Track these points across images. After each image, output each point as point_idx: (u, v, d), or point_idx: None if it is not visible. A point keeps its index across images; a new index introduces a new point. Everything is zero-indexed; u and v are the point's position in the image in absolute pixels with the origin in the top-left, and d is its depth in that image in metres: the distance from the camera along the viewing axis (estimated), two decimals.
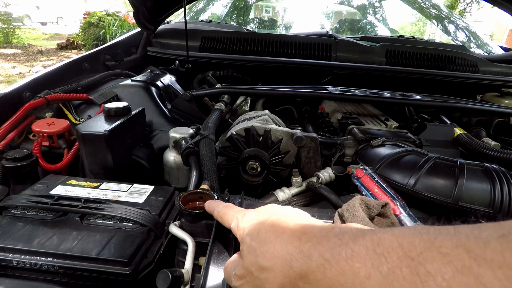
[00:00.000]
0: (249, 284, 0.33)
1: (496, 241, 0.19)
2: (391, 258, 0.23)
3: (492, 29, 10.94)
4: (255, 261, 0.32)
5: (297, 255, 0.29)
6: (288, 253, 0.29)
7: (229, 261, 0.38)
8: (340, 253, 0.26)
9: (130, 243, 0.46)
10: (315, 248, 0.28)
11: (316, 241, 0.28)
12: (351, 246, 0.25)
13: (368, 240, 0.25)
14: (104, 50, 1.27)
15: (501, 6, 1.27)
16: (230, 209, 0.42)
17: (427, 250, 0.21)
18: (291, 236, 0.31)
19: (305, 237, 0.30)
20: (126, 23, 7.80)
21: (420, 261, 0.21)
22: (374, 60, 1.28)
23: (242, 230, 0.36)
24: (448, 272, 0.20)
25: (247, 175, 0.71)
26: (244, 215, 0.38)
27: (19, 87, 0.86)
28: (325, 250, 0.27)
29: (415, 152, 0.66)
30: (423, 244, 0.22)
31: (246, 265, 0.33)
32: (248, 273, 0.33)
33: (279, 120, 0.89)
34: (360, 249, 0.25)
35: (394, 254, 0.23)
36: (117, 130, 0.68)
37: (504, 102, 1.15)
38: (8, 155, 0.63)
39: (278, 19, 2.53)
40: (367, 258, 0.24)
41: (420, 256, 0.21)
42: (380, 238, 0.24)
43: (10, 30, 8.49)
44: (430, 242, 0.22)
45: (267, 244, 0.32)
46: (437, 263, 0.20)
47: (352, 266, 0.24)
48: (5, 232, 0.47)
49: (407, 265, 0.22)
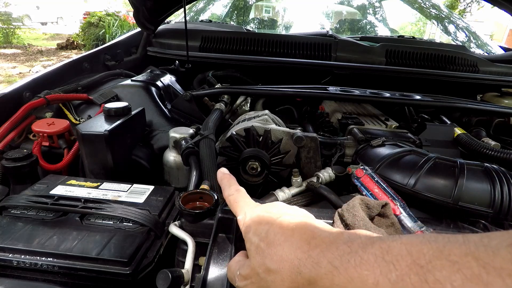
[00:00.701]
0: (254, 285, 0.33)
1: (505, 249, 0.19)
2: (400, 265, 0.23)
3: (492, 29, 10.95)
4: (263, 263, 0.32)
5: (306, 260, 0.29)
6: (297, 258, 0.29)
7: (234, 260, 0.38)
8: (349, 260, 0.26)
9: (130, 243, 0.46)
10: (324, 254, 0.28)
11: (325, 247, 0.28)
12: (360, 254, 0.25)
13: (377, 248, 0.25)
14: (104, 50, 1.27)
15: (501, 6, 1.27)
16: (241, 198, 0.41)
17: (436, 258, 0.21)
18: (300, 240, 0.31)
19: (314, 242, 0.30)
20: (126, 23, 7.80)
21: (429, 268, 0.21)
22: (374, 60, 1.28)
23: (248, 227, 0.36)
24: (457, 280, 0.20)
25: (247, 175, 0.71)
26: (253, 211, 0.38)
27: (19, 87, 0.86)
28: (334, 257, 0.27)
29: (415, 152, 0.66)
30: (432, 252, 0.22)
31: (253, 266, 0.33)
32: (254, 274, 0.33)
33: (279, 120, 0.89)
34: (369, 257, 0.25)
35: (403, 261, 0.23)
36: (117, 130, 0.68)
37: (504, 102, 1.15)
38: (8, 155, 0.63)
39: (278, 19, 2.53)
40: (376, 265, 0.24)
41: (429, 264, 0.21)
42: (389, 246, 0.24)
43: (10, 30, 8.49)
44: (439, 250, 0.22)
45: (276, 247, 0.32)
46: (446, 271, 0.20)
47: (361, 274, 0.24)
48: (5, 232, 0.47)
49: (416, 273, 0.22)
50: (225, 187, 0.44)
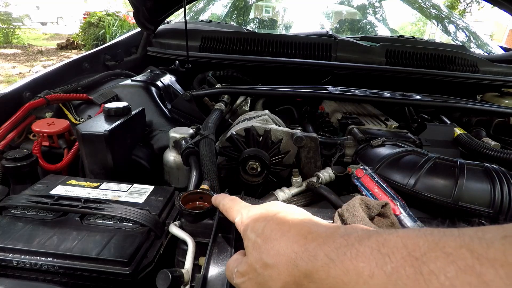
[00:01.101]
0: (252, 281, 0.33)
1: (499, 242, 0.19)
2: (395, 257, 0.23)
3: (492, 29, 10.95)
4: (260, 258, 0.32)
5: (303, 253, 0.29)
6: (294, 251, 0.30)
7: (232, 259, 0.38)
8: (345, 253, 0.26)
9: (130, 243, 0.46)
10: (321, 247, 0.28)
11: (322, 241, 0.29)
12: (357, 247, 0.26)
13: (374, 241, 0.25)
14: (104, 50, 1.27)
15: (501, 6, 1.27)
16: (236, 203, 0.42)
17: (431, 250, 0.22)
18: (296, 235, 0.31)
19: (311, 236, 0.30)
20: (126, 23, 7.80)
21: (424, 260, 0.21)
22: (374, 60, 1.28)
23: (246, 226, 0.36)
24: (451, 271, 0.20)
25: (247, 175, 0.71)
26: (249, 211, 0.38)
27: (19, 87, 0.86)
28: (330, 250, 0.27)
29: (415, 152, 0.66)
30: (427, 244, 0.22)
31: (250, 262, 0.33)
32: (251, 270, 0.33)
33: (279, 120, 0.89)
34: (365, 249, 0.25)
35: (399, 254, 0.23)
36: (117, 130, 0.68)
37: (504, 102, 1.15)
38: (8, 155, 0.63)
39: (278, 19, 2.53)
40: (372, 258, 0.24)
41: (424, 256, 0.22)
42: (385, 239, 0.25)
43: (10, 30, 8.49)
44: (434, 242, 0.22)
45: (272, 242, 0.32)
46: (441, 262, 0.21)
47: (357, 266, 0.25)
48: (5, 232, 0.47)
49: (411, 265, 0.22)
50: (219, 201, 0.44)
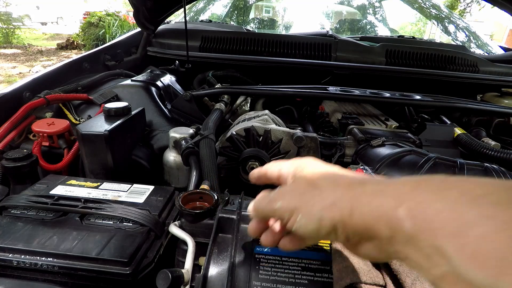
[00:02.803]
0: (294, 192, 0.32)
1: None
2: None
3: (492, 29, 10.94)
4: (303, 176, 0.34)
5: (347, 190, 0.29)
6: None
7: (257, 198, 0.37)
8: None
9: (130, 243, 0.46)
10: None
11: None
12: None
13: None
14: (104, 50, 1.27)
15: (501, 6, 1.28)
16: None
17: None
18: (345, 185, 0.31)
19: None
20: (126, 23, 7.80)
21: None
22: (374, 60, 1.28)
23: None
24: None
25: (247, 175, 0.71)
26: None
27: (19, 87, 0.86)
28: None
29: (415, 152, 0.66)
30: None
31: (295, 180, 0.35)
32: (296, 186, 0.34)
33: (279, 120, 0.89)
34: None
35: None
36: (117, 130, 0.68)
37: (504, 102, 1.15)
38: (8, 155, 0.63)
39: (278, 19, 2.53)
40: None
41: None
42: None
43: (10, 30, 8.49)
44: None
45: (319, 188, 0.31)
46: None
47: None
48: (5, 232, 0.47)
49: None
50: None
